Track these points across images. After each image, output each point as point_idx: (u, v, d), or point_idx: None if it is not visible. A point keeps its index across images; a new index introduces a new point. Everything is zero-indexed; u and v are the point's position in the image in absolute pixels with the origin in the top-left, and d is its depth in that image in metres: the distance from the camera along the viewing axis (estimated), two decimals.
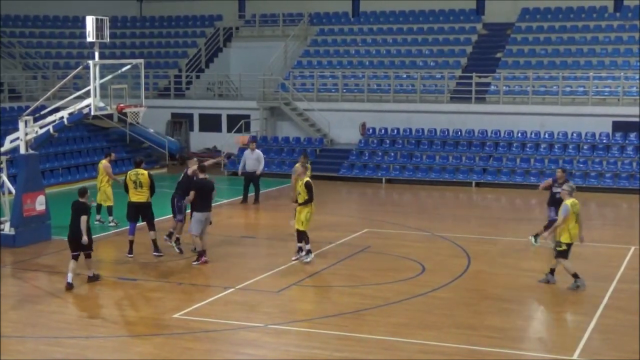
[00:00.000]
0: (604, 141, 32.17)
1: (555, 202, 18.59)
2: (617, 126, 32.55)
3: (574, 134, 32.50)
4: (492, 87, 35.33)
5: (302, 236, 18.53)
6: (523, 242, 20.82)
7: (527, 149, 32.64)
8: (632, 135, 31.92)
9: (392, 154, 33.45)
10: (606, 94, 33.71)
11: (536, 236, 20.28)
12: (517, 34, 38.15)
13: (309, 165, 20.04)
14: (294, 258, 18.64)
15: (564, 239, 16.23)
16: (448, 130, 34.07)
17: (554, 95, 34.06)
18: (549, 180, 20.42)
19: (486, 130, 33.57)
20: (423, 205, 28.34)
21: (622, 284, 16.77)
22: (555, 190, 19.07)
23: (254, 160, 27.17)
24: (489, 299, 15.88)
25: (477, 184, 31.58)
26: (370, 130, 35.01)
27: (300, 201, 18.48)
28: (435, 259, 19.08)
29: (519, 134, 33.17)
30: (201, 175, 18.64)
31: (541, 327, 14.79)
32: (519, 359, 12.74)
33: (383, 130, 34.85)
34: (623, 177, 30.62)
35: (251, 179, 27.15)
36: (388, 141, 34.40)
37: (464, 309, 15.20)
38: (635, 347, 12.85)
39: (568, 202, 16.36)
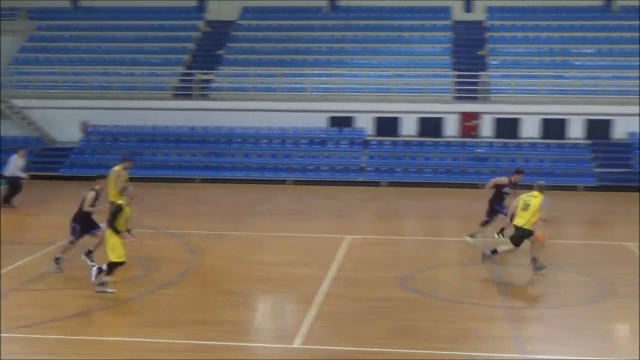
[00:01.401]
0: (321, 135, 33.76)
1: (501, 200, 19.95)
2: (334, 121, 34.31)
3: (293, 129, 33.82)
4: (215, 84, 35.87)
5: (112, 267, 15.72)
6: (254, 236, 21.42)
7: (248, 145, 33.51)
8: (347, 130, 33.84)
9: (115, 152, 33.06)
10: (323, 90, 35.30)
11: (501, 231, 20.21)
12: (240, 32, 38.94)
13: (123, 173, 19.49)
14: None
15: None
16: (171, 127, 34.22)
17: (273, 92, 35.17)
18: (505, 180, 20.51)
19: (209, 127, 34.07)
20: (151, 203, 28.22)
21: (341, 273, 17.64)
22: (505, 190, 20.03)
23: None
24: (221, 294, 16.14)
25: (203, 180, 31.98)
26: (91, 129, 34.40)
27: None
28: (164, 256, 19.11)
29: (241, 130, 33.96)
30: None
31: (268, 318, 15.25)
32: (248, 350, 13.10)
33: (103, 128, 34.42)
34: (339, 170, 32.31)
35: None
36: (111, 139, 33.97)
37: (196, 304, 15.31)
38: (357, 332, 13.60)
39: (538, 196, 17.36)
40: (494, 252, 17.95)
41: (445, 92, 35.36)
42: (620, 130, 33.51)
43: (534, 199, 17.48)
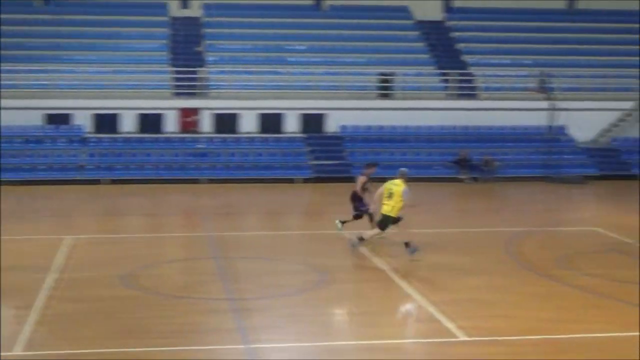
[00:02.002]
0: (37, 134, 32.65)
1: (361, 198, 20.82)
2: (50, 119, 33.29)
3: (6, 128, 32.40)
4: None
5: None
6: None
7: None
8: (64, 127, 32.98)
9: None
10: (37, 87, 34.08)
11: (344, 222, 21.35)
12: None
13: None
14: None
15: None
16: None
17: None
18: (363, 179, 21.08)
19: None
20: None
21: (62, 274, 17.16)
22: (366, 186, 20.89)
23: None
24: None
25: None
26: None
27: None
28: None
29: None
30: None
31: None
32: None
33: None
34: (57, 169, 31.44)
35: None
36: None
37: None
38: (79, 334, 13.33)
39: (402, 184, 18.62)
40: (361, 239, 19.16)
41: (164, 88, 35.35)
42: (333, 124, 35.10)
43: (397, 187, 18.59)
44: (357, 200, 21.22)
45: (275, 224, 24.14)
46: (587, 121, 36.00)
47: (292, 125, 34.90)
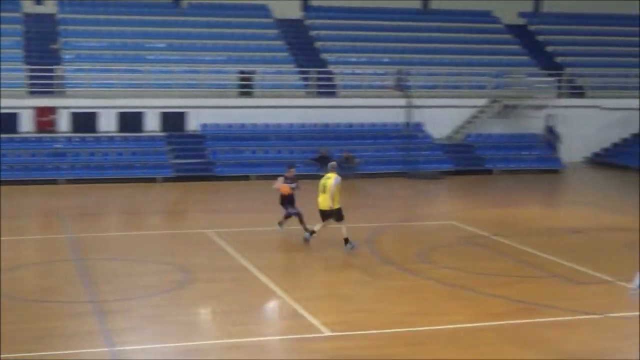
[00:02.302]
0: None
1: (291, 200, 20.88)
2: None
3: None
4: None
5: None
6: None
7: None
8: None
9: None
10: None
11: (280, 223, 21.27)
12: None
13: None
14: None
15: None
16: None
17: None
18: (284, 185, 20.92)
19: None
20: None
21: None
22: (292, 186, 20.91)
23: None
24: None
25: None
26: None
27: None
28: None
29: None
30: None
31: None
32: None
33: None
34: None
35: None
36: None
37: None
38: None
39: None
40: (312, 232, 19.83)
41: (19, 86, 34.28)
42: (193, 122, 34.89)
43: (329, 180, 19.32)
44: (287, 203, 21.20)
45: (137, 224, 23.82)
46: (442, 118, 37.08)
47: (152, 124, 34.48)
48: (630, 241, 20.43)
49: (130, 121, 34.02)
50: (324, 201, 19.43)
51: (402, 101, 35.12)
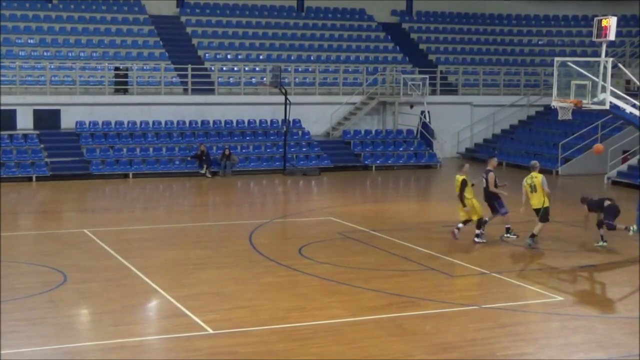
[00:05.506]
0: None
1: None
2: None
3: None
4: None
5: None
6: None
7: None
8: None
9: None
10: None
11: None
12: None
13: None
14: None
15: None
16: None
17: None
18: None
19: None
20: None
21: None
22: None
23: None
24: None
25: None
26: None
27: None
28: None
29: None
30: None
31: None
32: None
33: None
34: None
35: None
36: None
37: None
38: None
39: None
40: (532, 236, 20.10)
41: None
42: (68, 120, 34.18)
43: (536, 179, 20.07)
44: (493, 200, 21.09)
45: (10, 225, 23.18)
46: (319, 115, 37.50)
47: (25, 121, 33.59)
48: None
49: (3, 119, 33.01)
50: (536, 200, 20.15)
51: (279, 98, 35.32)
